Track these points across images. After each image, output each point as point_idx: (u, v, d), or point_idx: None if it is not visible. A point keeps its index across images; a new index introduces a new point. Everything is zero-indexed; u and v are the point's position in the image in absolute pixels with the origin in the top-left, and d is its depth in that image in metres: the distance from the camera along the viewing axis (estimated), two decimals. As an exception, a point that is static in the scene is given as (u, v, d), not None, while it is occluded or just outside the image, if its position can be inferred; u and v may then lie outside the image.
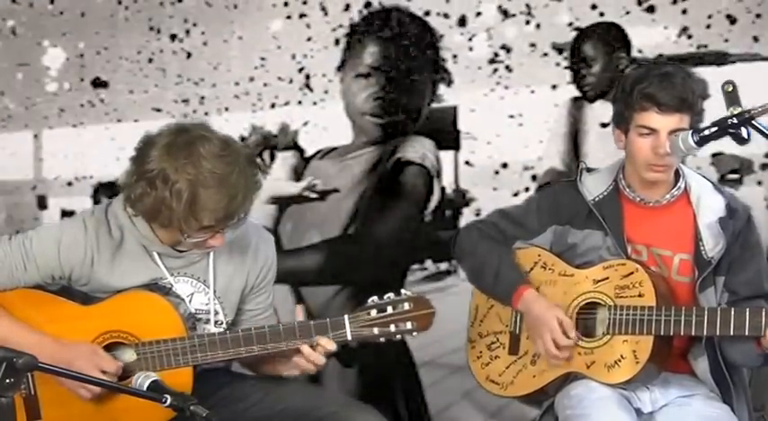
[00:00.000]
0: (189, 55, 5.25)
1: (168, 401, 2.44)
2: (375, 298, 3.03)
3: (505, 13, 4.57)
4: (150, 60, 5.34)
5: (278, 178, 4.99)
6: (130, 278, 3.01)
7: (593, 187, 3.18)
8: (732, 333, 2.92)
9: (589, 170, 3.24)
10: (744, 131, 2.71)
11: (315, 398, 3.09)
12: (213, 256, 3.05)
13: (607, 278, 3.09)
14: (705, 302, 3.03)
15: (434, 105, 4.69)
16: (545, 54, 4.50)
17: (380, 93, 4.74)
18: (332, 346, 2.99)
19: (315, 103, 4.95)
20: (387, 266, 4.70)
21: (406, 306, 3.02)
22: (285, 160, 5.00)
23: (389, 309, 3.01)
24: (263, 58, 5.08)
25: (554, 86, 4.47)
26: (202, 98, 5.22)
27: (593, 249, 3.14)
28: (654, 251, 3.12)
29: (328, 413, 3.01)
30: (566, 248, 3.19)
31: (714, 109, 2.87)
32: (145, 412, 2.78)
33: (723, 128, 2.72)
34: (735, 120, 2.69)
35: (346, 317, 3.00)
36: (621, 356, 3.03)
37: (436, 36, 4.65)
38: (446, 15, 4.66)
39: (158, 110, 5.31)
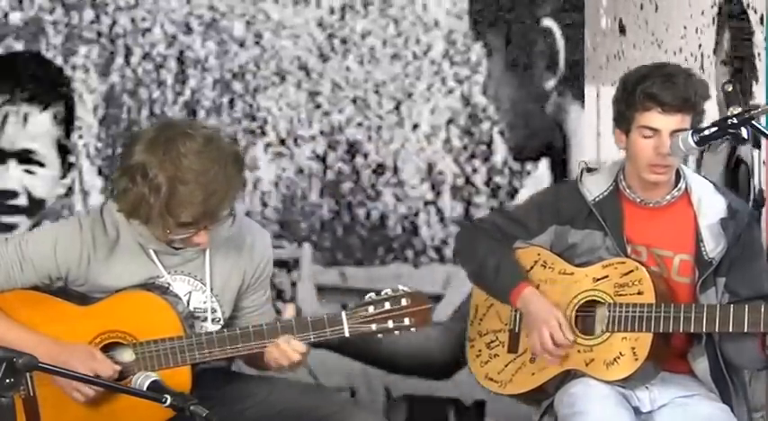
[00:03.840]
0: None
1: (168, 401, 2.43)
2: (372, 294, 3.01)
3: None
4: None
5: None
6: (127, 277, 2.99)
7: (593, 187, 3.17)
8: (731, 329, 2.94)
9: (589, 170, 3.24)
10: (744, 131, 2.72)
11: (315, 398, 3.08)
12: (209, 254, 3.03)
13: (607, 276, 3.09)
14: (706, 303, 3.03)
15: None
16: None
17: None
18: (301, 349, 2.96)
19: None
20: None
21: (404, 302, 3.00)
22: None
23: (387, 305, 2.99)
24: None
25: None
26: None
27: (593, 249, 3.14)
28: (654, 251, 3.13)
29: (328, 413, 3.01)
30: (565, 248, 3.18)
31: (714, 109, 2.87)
32: (144, 412, 2.77)
33: (723, 128, 2.73)
34: (735, 120, 2.69)
35: (343, 313, 2.99)
36: (620, 353, 3.03)
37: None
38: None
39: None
